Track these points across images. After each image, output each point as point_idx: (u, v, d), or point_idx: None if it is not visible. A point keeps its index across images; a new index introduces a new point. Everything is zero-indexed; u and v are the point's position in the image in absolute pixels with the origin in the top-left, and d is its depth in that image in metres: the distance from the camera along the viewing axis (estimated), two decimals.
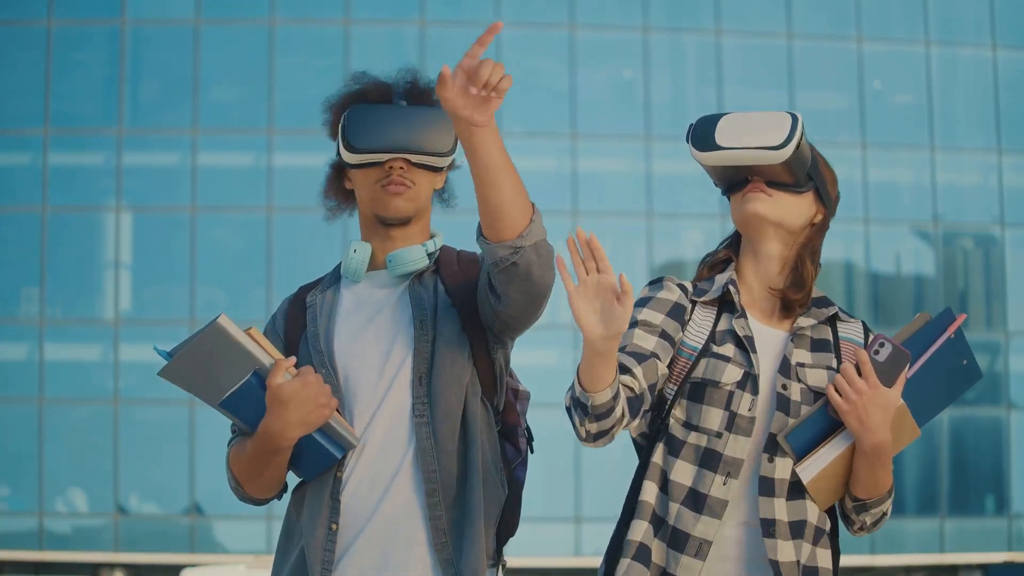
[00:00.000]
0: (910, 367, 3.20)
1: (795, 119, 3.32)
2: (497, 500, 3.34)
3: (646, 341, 3.28)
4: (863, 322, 3.41)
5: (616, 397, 3.13)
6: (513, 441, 3.49)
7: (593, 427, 3.15)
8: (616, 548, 3.29)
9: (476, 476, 3.29)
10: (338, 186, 3.55)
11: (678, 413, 3.28)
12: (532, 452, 3.52)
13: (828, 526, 3.29)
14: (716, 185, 3.43)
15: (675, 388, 3.30)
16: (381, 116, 3.38)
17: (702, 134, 3.34)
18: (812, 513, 3.24)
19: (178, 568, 26.43)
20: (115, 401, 27.22)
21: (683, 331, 3.31)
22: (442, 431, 3.29)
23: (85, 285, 27.79)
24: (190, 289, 27.35)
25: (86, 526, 27.31)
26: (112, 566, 27.39)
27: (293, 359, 3.25)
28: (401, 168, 3.39)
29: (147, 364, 27.11)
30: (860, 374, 3.17)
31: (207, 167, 27.78)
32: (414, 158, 3.38)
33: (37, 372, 27.32)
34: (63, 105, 27.69)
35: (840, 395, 3.17)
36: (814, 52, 28.63)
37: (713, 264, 3.42)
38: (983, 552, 27.91)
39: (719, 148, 3.31)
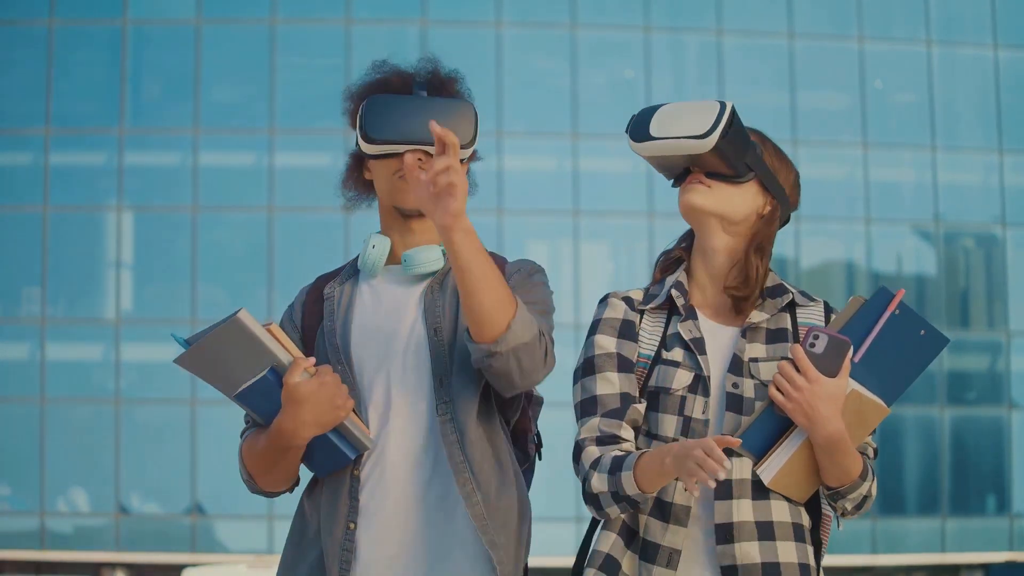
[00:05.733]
0: (855, 352, 3.16)
1: (723, 107, 3.24)
2: (511, 502, 3.33)
3: (608, 384, 3.25)
4: (825, 302, 3.36)
5: None
6: (522, 447, 3.49)
7: (615, 511, 3.21)
8: (582, 557, 3.29)
9: (500, 475, 3.31)
10: (358, 176, 3.49)
11: (641, 411, 3.26)
12: (540, 459, 3.52)
13: (807, 521, 3.25)
14: (667, 178, 3.38)
15: None
16: (399, 107, 3.33)
17: (638, 125, 3.28)
18: (782, 511, 3.20)
19: (179, 568, 26.43)
20: (116, 401, 27.22)
21: (636, 343, 3.28)
22: (467, 423, 3.28)
23: (86, 285, 27.79)
24: (191, 289, 27.35)
25: (87, 526, 27.31)
26: (113, 566, 27.39)
27: (312, 359, 3.22)
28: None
29: (149, 364, 27.13)
30: (799, 370, 3.13)
31: (208, 167, 27.79)
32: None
33: (38, 372, 27.33)
34: (64, 105, 27.70)
35: (783, 393, 3.14)
36: (815, 52, 28.62)
37: (666, 266, 3.38)
38: (984, 552, 27.90)
39: (652, 139, 3.25)
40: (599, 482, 3.17)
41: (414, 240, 3.41)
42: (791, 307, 3.33)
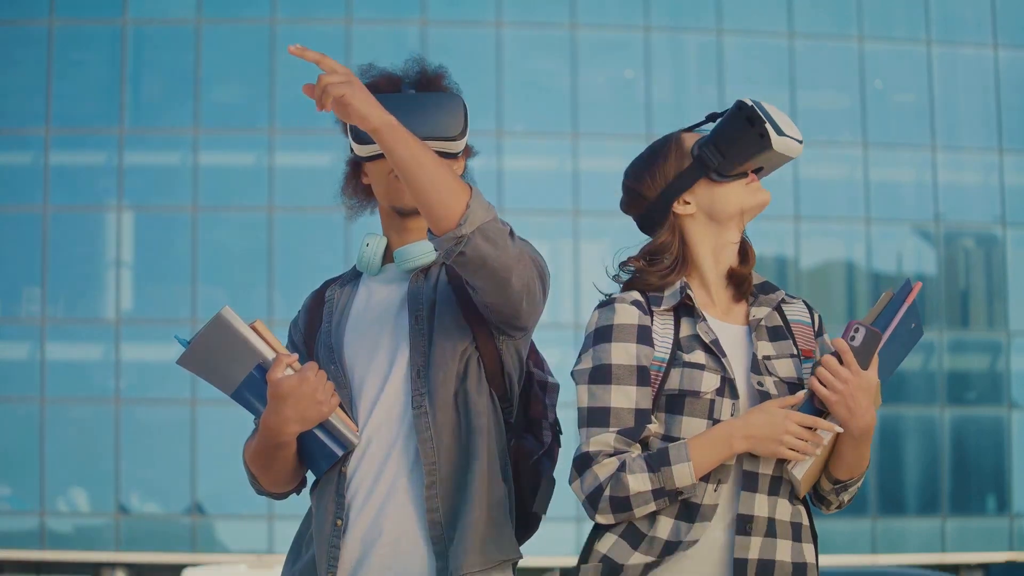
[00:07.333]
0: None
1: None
2: (498, 493, 3.32)
3: (626, 398, 3.19)
4: (804, 301, 3.39)
5: None
6: (536, 434, 3.46)
7: (647, 510, 3.15)
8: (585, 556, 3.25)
9: (480, 466, 3.27)
10: (356, 183, 3.51)
11: (654, 428, 3.21)
12: (560, 446, 3.47)
13: (805, 519, 3.25)
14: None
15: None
16: (386, 105, 3.24)
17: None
18: (785, 510, 3.20)
19: (179, 568, 26.43)
20: (116, 400, 27.23)
21: (653, 347, 3.23)
22: (442, 422, 3.28)
23: (86, 284, 27.80)
24: (191, 288, 27.36)
25: (87, 525, 27.32)
26: (113, 565, 27.40)
27: (295, 355, 3.24)
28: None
29: (148, 364, 27.13)
30: (841, 362, 3.13)
31: (208, 166, 27.79)
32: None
33: (39, 371, 27.33)
34: (64, 105, 27.71)
35: (826, 387, 3.14)
36: (815, 51, 28.63)
37: (663, 275, 3.31)
38: (984, 552, 27.91)
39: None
40: (638, 482, 3.12)
41: (411, 239, 3.42)
42: (779, 305, 3.35)
